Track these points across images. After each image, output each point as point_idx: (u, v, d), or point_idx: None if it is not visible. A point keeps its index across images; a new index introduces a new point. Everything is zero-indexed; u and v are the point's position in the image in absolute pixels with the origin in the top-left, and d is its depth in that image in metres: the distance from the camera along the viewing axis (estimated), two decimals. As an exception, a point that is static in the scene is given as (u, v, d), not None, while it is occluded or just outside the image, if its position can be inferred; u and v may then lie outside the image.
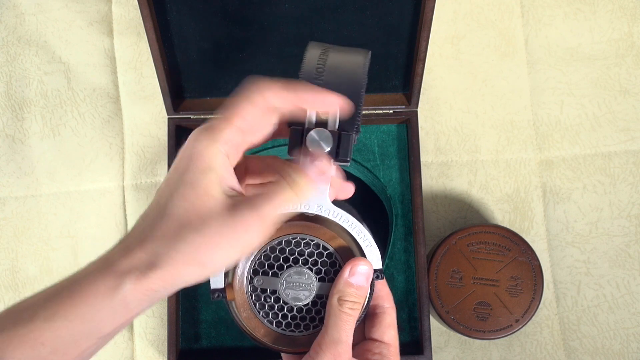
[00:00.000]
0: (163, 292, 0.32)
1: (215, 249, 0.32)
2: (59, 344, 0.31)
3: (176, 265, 0.32)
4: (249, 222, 0.32)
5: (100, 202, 0.66)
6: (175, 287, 0.33)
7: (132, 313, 0.32)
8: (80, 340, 0.31)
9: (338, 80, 0.36)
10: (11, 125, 0.68)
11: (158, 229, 0.33)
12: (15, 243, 0.66)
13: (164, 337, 0.63)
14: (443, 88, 0.68)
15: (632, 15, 0.69)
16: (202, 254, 0.32)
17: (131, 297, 0.31)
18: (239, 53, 0.59)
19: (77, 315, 0.31)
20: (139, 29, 0.69)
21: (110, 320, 0.32)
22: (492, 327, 0.57)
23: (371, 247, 0.38)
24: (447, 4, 0.69)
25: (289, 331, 0.38)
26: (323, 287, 0.38)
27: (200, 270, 0.32)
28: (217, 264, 0.33)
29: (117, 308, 0.31)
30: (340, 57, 0.37)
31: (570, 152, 0.66)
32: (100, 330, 0.32)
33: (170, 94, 0.59)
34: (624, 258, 0.64)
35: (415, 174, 0.61)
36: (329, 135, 0.35)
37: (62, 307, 0.31)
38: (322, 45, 0.38)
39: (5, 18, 0.70)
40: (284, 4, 0.55)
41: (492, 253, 0.58)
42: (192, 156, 0.33)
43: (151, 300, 0.32)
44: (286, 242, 0.38)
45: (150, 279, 0.32)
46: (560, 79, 0.68)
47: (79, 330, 0.31)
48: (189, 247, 0.32)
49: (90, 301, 0.31)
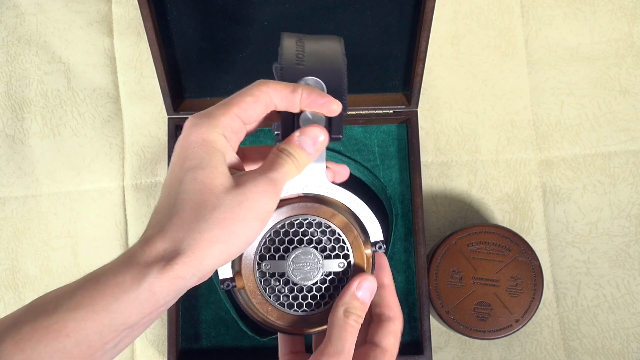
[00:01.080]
0: (191, 279, 0.32)
1: (236, 221, 0.32)
2: (82, 335, 0.30)
3: (200, 247, 0.32)
4: (264, 187, 0.33)
5: (100, 202, 0.66)
6: (203, 271, 0.32)
7: (160, 303, 0.32)
8: (104, 332, 0.31)
9: (320, 63, 0.37)
10: (11, 125, 0.68)
11: (175, 217, 0.33)
12: (15, 243, 0.66)
13: (164, 337, 0.63)
14: (443, 88, 0.68)
15: (632, 15, 0.69)
16: (225, 229, 0.32)
17: (158, 287, 0.31)
18: (239, 53, 0.59)
19: (102, 306, 0.31)
20: (139, 29, 0.69)
21: (136, 311, 0.31)
22: (492, 327, 0.57)
23: (371, 219, 0.39)
24: (447, 4, 0.69)
25: (301, 311, 0.38)
26: (329, 264, 0.39)
27: (225, 247, 0.32)
28: (241, 237, 0.33)
29: (144, 299, 0.31)
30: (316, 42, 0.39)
31: (570, 152, 0.66)
32: (126, 321, 0.31)
33: (170, 94, 0.59)
34: (624, 258, 0.64)
35: (415, 174, 0.61)
36: (320, 116, 0.36)
37: (87, 298, 0.31)
38: (295, 35, 0.39)
39: (5, 18, 0.70)
40: (284, 4, 0.55)
41: (492, 253, 0.58)
42: (194, 141, 0.34)
43: (179, 289, 0.32)
44: (289, 224, 0.39)
45: (176, 265, 0.31)
46: (560, 79, 0.68)
47: (104, 322, 0.31)
48: (209, 225, 0.32)
49: (116, 293, 0.31)
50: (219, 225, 0.32)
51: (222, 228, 0.32)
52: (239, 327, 0.60)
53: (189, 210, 0.33)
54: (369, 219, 0.39)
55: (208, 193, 0.33)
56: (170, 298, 0.32)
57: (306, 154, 0.35)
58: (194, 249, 0.32)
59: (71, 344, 0.30)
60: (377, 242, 0.39)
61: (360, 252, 0.39)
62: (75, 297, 0.31)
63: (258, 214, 0.33)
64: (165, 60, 0.57)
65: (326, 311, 0.38)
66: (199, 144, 0.34)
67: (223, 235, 0.32)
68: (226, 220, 0.32)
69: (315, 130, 0.35)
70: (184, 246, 0.32)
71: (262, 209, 0.33)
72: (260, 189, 0.33)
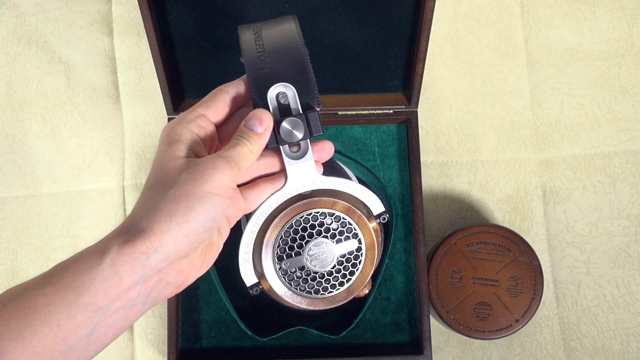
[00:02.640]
0: (153, 256, 0.33)
1: (191, 196, 0.34)
2: (51, 312, 0.31)
3: (158, 221, 0.33)
4: (214, 163, 0.35)
5: (100, 202, 0.66)
6: (165, 248, 0.33)
7: (126, 283, 0.32)
8: (73, 310, 0.31)
9: (282, 61, 0.39)
10: (11, 125, 0.68)
11: (139, 202, 0.35)
12: (15, 243, 0.66)
13: (164, 337, 0.63)
14: (443, 88, 0.68)
15: (632, 15, 0.69)
16: (181, 203, 0.34)
17: (119, 262, 0.32)
18: (239, 53, 0.58)
19: (68, 282, 0.32)
20: (139, 29, 0.69)
21: (102, 289, 0.32)
22: (492, 327, 0.57)
23: (370, 195, 0.43)
24: (447, 4, 0.69)
25: (327, 293, 0.43)
26: (342, 247, 0.42)
27: (183, 221, 0.33)
28: (198, 211, 0.34)
29: (107, 275, 0.32)
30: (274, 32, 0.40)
31: (570, 152, 0.66)
32: (94, 301, 0.32)
33: (170, 94, 0.59)
34: (624, 258, 0.64)
35: (415, 174, 0.61)
36: (297, 121, 0.38)
37: (55, 277, 0.32)
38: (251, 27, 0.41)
39: (5, 18, 0.70)
40: (284, 4, 0.55)
41: (492, 253, 0.58)
42: (161, 137, 0.37)
43: (143, 266, 0.33)
44: (296, 222, 0.41)
45: (136, 240, 0.33)
46: (560, 79, 0.68)
47: (70, 298, 0.31)
48: (165, 202, 0.34)
49: (80, 269, 0.32)
50: (174, 200, 0.34)
51: (178, 203, 0.34)
52: (239, 327, 0.60)
53: (148, 195, 0.35)
54: (367, 195, 0.43)
55: (164, 176, 0.35)
56: (136, 278, 0.33)
57: (255, 133, 0.37)
58: (152, 224, 0.33)
59: (40, 321, 0.31)
60: (380, 214, 0.43)
61: (367, 228, 0.42)
62: (45, 278, 0.32)
63: (212, 187, 0.34)
64: (165, 60, 0.57)
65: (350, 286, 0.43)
66: (163, 138, 0.37)
67: (179, 209, 0.33)
68: (181, 195, 0.34)
69: (258, 113, 0.38)
70: (142, 223, 0.33)
71: (216, 182, 0.34)
72: (210, 164, 0.35)
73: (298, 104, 0.39)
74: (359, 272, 0.42)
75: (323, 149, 0.41)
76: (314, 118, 0.39)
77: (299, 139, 0.39)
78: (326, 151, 0.41)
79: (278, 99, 0.39)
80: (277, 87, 0.38)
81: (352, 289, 0.43)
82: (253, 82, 0.38)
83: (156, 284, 0.34)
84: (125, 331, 0.35)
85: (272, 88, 0.38)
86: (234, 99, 0.40)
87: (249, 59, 0.39)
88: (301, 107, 0.39)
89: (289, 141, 0.39)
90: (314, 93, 0.39)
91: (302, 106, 0.39)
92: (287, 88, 0.38)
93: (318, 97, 0.39)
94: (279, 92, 0.38)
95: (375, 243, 0.42)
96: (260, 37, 0.39)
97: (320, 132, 0.39)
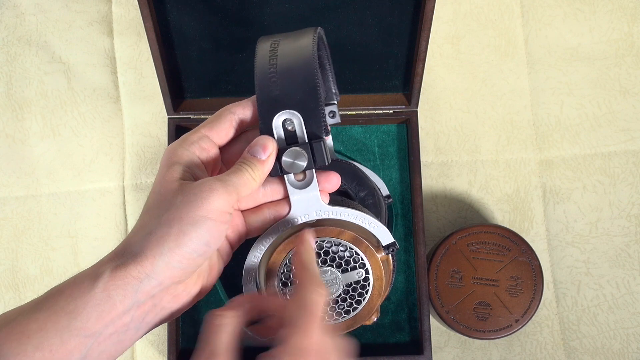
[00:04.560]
0: (146, 281, 0.32)
1: (184, 219, 0.33)
2: (43, 337, 0.31)
3: (150, 246, 0.32)
4: (211, 186, 0.34)
5: (100, 202, 0.66)
6: (157, 273, 0.32)
7: (119, 309, 0.32)
8: (64, 335, 0.31)
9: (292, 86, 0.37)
10: (11, 125, 0.68)
11: (134, 228, 0.34)
12: (15, 243, 0.66)
13: (164, 337, 0.63)
14: (443, 88, 0.68)
15: (632, 15, 0.69)
16: (174, 227, 0.33)
17: (112, 287, 0.32)
18: (239, 53, 0.59)
19: (61, 307, 0.31)
20: (139, 29, 0.69)
21: (95, 314, 0.31)
22: (492, 327, 0.57)
23: (378, 227, 0.41)
24: (447, 4, 0.69)
25: (332, 321, 0.41)
26: (348, 276, 0.41)
27: (175, 246, 0.33)
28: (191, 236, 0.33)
29: (99, 300, 0.31)
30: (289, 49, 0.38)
31: (570, 152, 0.66)
32: (86, 326, 0.31)
33: (170, 94, 0.59)
34: (624, 258, 0.64)
35: (415, 174, 0.61)
36: (300, 151, 0.37)
37: (47, 302, 0.32)
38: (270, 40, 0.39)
39: (5, 18, 0.70)
40: (284, 4, 0.55)
41: (492, 253, 0.58)
42: (162, 160, 0.36)
43: (135, 291, 0.32)
44: None
45: (128, 265, 0.32)
46: (560, 79, 0.68)
47: (62, 324, 0.31)
48: (158, 226, 0.33)
49: (73, 294, 0.32)
50: (167, 224, 0.33)
51: (170, 227, 0.33)
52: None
53: (144, 218, 0.34)
54: (376, 226, 0.41)
55: (160, 199, 0.34)
56: (129, 303, 0.32)
57: (258, 160, 0.36)
58: (144, 249, 0.32)
59: (32, 347, 0.30)
60: (389, 245, 0.41)
61: (375, 259, 0.40)
62: (39, 302, 0.32)
63: (206, 211, 0.33)
64: (165, 60, 0.57)
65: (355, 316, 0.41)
66: (164, 161, 0.36)
67: (171, 234, 0.33)
68: (174, 219, 0.33)
69: (262, 139, 0.37)
70: (135, 247, 0.33)
71: (211, 207, 0.33)
72: (207, 187, 0.34)
73: (304, 132, 0.37)
74: (365, 302, 0.41)
75: (328, 180, 0.40)
76: (318, 148, 0.37)
77: (302, 169, 0.37)
78: (331, 183, 0.40)
79: (285, 126, 0.37)
80: (283, 115, 0.37)
81: (357, 318, 0.41)
82: (261, 105, 0.37)
83: (150, 310, 0.34)
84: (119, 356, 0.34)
85: (278, 115, 0.37)
86: (241, 121, 0.39)
87: (260, 79, 0.37)
88: (307, 135, 0.37)
89: (292, 171, 0.38)
90: (321, 121, 0.37)
91: (308, 134, 0.37)
92: (294, 116, 0.37)
93: (326, 125, 0.38)
94: (285, 119, 0.37)
95: (383, 274, 0.40)
96: (276, 55, 0.38)
97: (325, 163, 0.37)
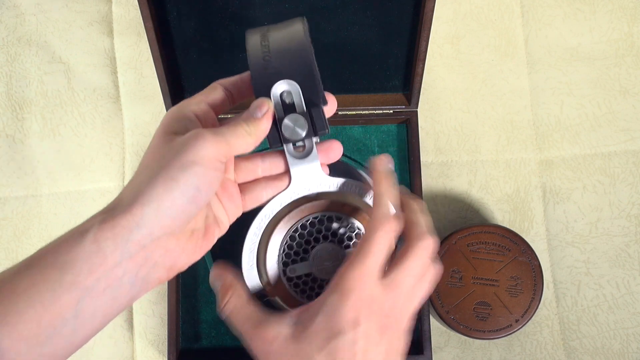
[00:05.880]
0: (136, 230, 0.32)
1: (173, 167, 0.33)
2: (34, 294, 0.30)
3: (140, 194, 0.32)
4: (202, 135, 0.33)
5: (100, 202, 0.66)
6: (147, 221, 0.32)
7: (109, 261, 0.32)
8: (57, 290, 0.31)
9: (287, 60, 0.37)
10: (11, 125, 0.68)
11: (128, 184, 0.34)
12: (15, 243, 0.66)
13: (164, 337, 0.63)
14: (443, 88, 0.68)
15: (632, 15, 0.69)
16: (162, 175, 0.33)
17: (101, 238, 0.31)
18: (239, 53, 0.59)
19: (51, 262, 0.31)
20: (139, 29, 0.69)
21: (86, 267, 0.31)
22: (492, 327, 0.57)
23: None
24: (447, 4, 0.69)
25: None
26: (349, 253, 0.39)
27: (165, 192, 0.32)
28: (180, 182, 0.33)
29: (90, 252, 0.31)
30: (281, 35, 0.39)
31: (570, 152, 0.66)
32: (78, 280, 0.31)
33: (170, 94, 0.59)
34: (624, 258, 0.64)
35: (415, 174, 0.61)
36: (299, 117, 0.37)
37: (36, 260, 0.32)
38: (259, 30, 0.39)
39: (5, 18, 0.70)
40: (284, 4, 0.55)
41: (492, 253, 0.58)
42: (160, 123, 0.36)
43: (126, 241, 0.32)
44: (302, 226, 0.39)
45: (117, 215, 0.32)
46: (560, 79, 0.68)
47: (53, 278, 0.31)
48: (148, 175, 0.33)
49: (62, 250, 0.31)
50: (156, 172, 0.33)
51: (158, 175, 0.33)
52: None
53: (136, 175, 0.35)
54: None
55: (152, 157, 0.34)
56: (121, 255, 0.32)
57: (253, 118, 0.36)
58: (135, 198, 0.32)
59: (23, 303, 0.30)
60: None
61: None
62: (28, 262, 0.32)
63: (194, 157, 0.33)
64: (165, 60, 0.57)
65: None
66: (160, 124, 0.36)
67: (159, 180, 0.32)
68: (163, 168, 0.33)
69: (258, 100, 0.37)
70: (124, 198, 0.33)
71: (199, 153, 0.33)
72: (194, 135, 0.33)
73: (302, 101, 0.37)
74: None
75: (331, 149, 0.39)
76: (317, 114, 0.37)
77: (302, 137, 0.37)
78: (334, 151, 0.39)
79: (282, 98, 0.37)
80: (281, 85, 0.37)
81: None
82: (256, 82, 0.37)
83: (143, 263, 0.33)
84: (116, 316, 0.34)
85: (276, 85, 0.37)
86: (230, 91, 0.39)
87: (254, 59, 0.37)
88: (305, 105, 0.37)
89: (293, 139, 0.37)
90: (318, 90, 0.37)
91: (307, 104, 0.37)
92: (291, 85, 0.37)
93: (323, 95, 0.38)
94: (283, 91, 0.37)
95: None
96: (267, 39, 0.38)
97: (325, 130, 0.37)
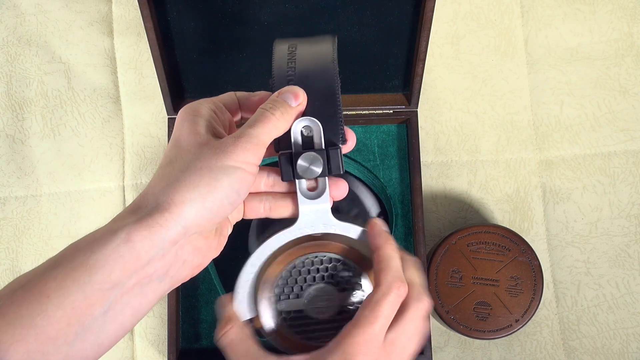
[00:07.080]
0: (173, 229, 0.32)
1: (214, 169, 0.33)
2: (64, 295, 0.29)
3: (180, 193, 0.32)
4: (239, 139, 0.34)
5: (100, 202, 0.66)
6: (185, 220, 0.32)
7: (143, 259, 0.31)
8: (87, 290, 0.29)
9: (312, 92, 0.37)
10: (11, 125, 0.68)
11: (153, 180, 0.34)
12: (15, 243, 0.66)
13: (164, 337, 0.63)
14: (443, 88, 0.68)
15: (632, 15, 0.69)
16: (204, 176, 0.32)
17: (136, 237, 0.31)
18: (239, 53, 0.59)
19: (80, 263, 0.30)
20: (139, 29, 0.69)
21: (118, 266, 0.30)
22: (492, 327, 0.57)
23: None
24: (447, 4, 0.69)
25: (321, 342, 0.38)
26: (345, 296, 0.39)
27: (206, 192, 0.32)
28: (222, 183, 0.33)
29: (123, 251, 0.30)
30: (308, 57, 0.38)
31: (570, 152, 0.66)
32: (109, 279, 0.30)
33: (170, 94, 0.59)
34: (623, 258, 0.64)
35: (415, 174, 0.61)
36: (316, 157, 0.36)
37: (64, 260, 0.30)
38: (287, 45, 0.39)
39: (5, 18, 0.70)
40: (284, 4, 0.55)
41: (492, 253, 0.58)
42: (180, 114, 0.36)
43: (161, 240, 0.31)
44: (299, 263, 0.39)
45: (155, 213, 0.31)
46: (560, 79, 0.68)
47: (83, 279, 0.30)
48: (187, 174, 0.33)
49: (93, 247, 0.30)
50: (197, 173, 0.33)
51: (201, 175, 0.33)
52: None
53: (168, 168, 0.34)
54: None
55: (184, 152, 0.34)
56: (155, 253, 0.31)
57: (287, 105, 0.36)
58: (172, 196, 0.32)
59: (53, 306, 0.29)
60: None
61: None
62: (55, 261, 0.31)
63: (234, 161, 0.33)
64: (165, 60, 0.57)
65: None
66: (182, 116, 0.36)
67: (203, 182, 0.32)
68: (203, 168, 0.33)
69: (293, 88, 0.36)
70: (162, 196, 0.32)
71: (240, 158, 0.33)
72: (232, 141, 0.34)
73: (322, 141, 0.37)
74: None
75: (337, 187, 0.39)
76: (335, 156, 0.36)
77: (317, 175, 0.37)
78: (340, 190, 0.39)
79: (301, 131, 0.37)
80: (303, 121, 0.36)
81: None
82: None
83: (173, 261, 0.33)
84: (144, 315, 0.33)
85: (298, 121, 0.36)
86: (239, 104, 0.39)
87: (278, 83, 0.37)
88: (324, 142, 0.37)
89: (306, 176, 0.37)
90: (339, 130, 0.37)
91: (325, 142, 0.37)
92: (313, 123, 0.36)
93: (343, 134, 0.37)
94: (304, 126, 0.37)
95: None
96: (294, 59, 0.37)
97: (340, 172, 0.37)
